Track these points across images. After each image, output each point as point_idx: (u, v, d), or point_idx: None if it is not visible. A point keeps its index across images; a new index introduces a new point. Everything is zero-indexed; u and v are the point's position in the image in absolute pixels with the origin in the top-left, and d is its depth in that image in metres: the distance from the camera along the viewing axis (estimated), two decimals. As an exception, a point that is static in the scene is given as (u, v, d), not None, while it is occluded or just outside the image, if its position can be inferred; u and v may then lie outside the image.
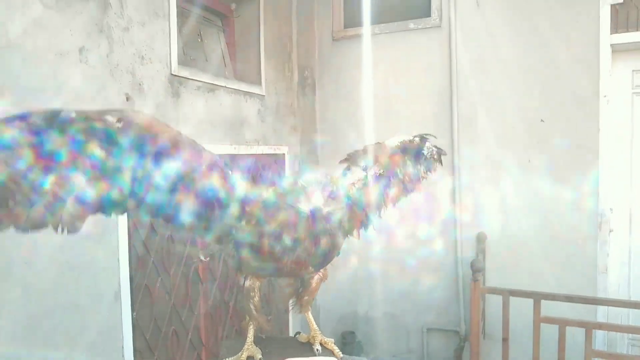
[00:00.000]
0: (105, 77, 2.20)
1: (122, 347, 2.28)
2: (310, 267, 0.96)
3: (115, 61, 2.24)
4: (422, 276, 4.02)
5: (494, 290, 3.17)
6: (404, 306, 4.11)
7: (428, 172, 1.40)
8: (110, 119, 0.90)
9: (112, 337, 2.24)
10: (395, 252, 4.04)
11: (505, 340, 3.06)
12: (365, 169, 1.20)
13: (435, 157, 1.42)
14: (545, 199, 3.67)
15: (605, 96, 3.51)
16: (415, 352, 4.16)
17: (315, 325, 1.14)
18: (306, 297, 1.10)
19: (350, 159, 1.24)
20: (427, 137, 1.42)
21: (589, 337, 2.82)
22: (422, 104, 4.00)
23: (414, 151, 1.36)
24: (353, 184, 1.15)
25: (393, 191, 1.27)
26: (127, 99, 2.30)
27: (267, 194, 0.96)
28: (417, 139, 1.39)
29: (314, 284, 1.08)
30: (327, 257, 0.96)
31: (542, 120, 3.67)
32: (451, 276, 3.94)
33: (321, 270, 1.06)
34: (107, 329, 2.22)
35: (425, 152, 1.38)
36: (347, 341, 4.21)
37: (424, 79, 4.00)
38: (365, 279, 4.17)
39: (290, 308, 1.16)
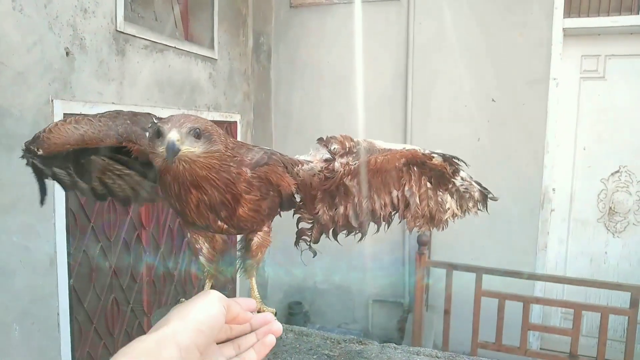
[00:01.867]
0: (42, 29, 2.05)
1: (58, 315, 2.18)
2: (222, 224, 0.90)
3: (54, 12, 2.09)
4: (370, 249, 4.07)
5: (438, 264, 3.24)
6: (351, 278, 4.15)
7: (460, 211, 1.08)
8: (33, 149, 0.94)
9: (47, 305, 2.14)
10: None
11: (447, 312, 3.14)
12: (333, 153, 0.96)
13: (476, 197, 1.10)
14: (492, 177, 3.74)
15: (555, 79, 3.59)
16: (360, 322, 4.23)
17: (257, 293, 1.10)
18: (249, 261, 1.05)
19: (325, 140, 1.00)
20: (457, 161, 1.06)
21: (526, 311, 2.93)
22: (378, 77, 3.98)
23: (434, 172, 1.04)
24: (301, 162, 0.96)
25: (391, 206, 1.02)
26: (67, 53, 2.16)
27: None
28: (438, 158, 1.02)
29: (253, 247, 1.02)
30: (236, 216, 0.88)
31: (493, 100, 3.73)
32: (398, 250, 4.01)
33: (259, 234, 1.00)
34: (41, 296, 2.11)
35: (458, 184, 1.06)
36: (294, 311, 4.23)
37: (382, 53, 3.97)
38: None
39: (236, 271, 1.11)
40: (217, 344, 0.64)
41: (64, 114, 2.14)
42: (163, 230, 2.93)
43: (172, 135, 0.76)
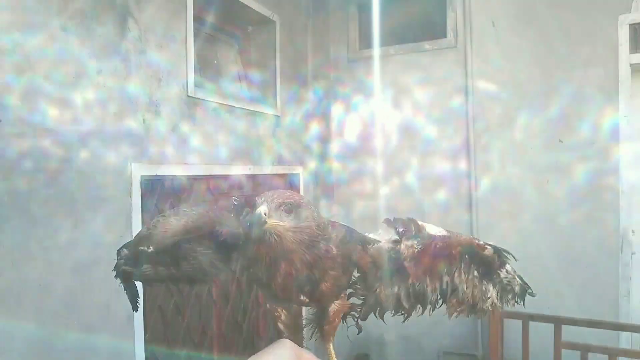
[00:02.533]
0: (122, 100, 2.22)
1: (135, 370, 2.26)
2: (305, 298, 0.92)
3: (132, 84, 2.27)
4: (439, 298, 3.95)
5: (513, 315, 3.09)
6: (419, 329, 4.03)
7: (500, 302, 1.09)
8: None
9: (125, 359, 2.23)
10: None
11: (525, 366, 2.97)
12: (400, 235, 0.99)
13: (516, 290, 1.10)
14: (564, 221, 3.59)
15: (625, 117, 3.46)
16: (431, 376, 4.07)
17: (335, 359, 1.10)
18: (326, 327, 1.05)
19: (393, 222, 1.03)
20: (506, 255, 1.09)
21: (612, 364, 2.73)
22: (438, 125, 3.97)
23: (483, 262, 1.07)
24: (373, 241, 0.98)
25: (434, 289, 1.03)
26: (144, 121, 2.32)
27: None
28: (490, 249, 1.07)
29: (330, 313, 1.03)
30: (318, 291, 0.91)
31: (560, 141, 3.62)
32: (468, 299, 3.87)
33: (337, 302, 1.01)
34: (119, 351, 2.20)
35: (502, 276, 1.08)
36: (362, 364, 4.14)
37: (440, 100, 3.98)
38: (381, 301, 4.11)
39: (311, 336, 1.11)
40: None
41: (141, 176, 2.29)
42: (232, 282, 3.00)
43: (261, 208, 0.81)
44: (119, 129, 2.20)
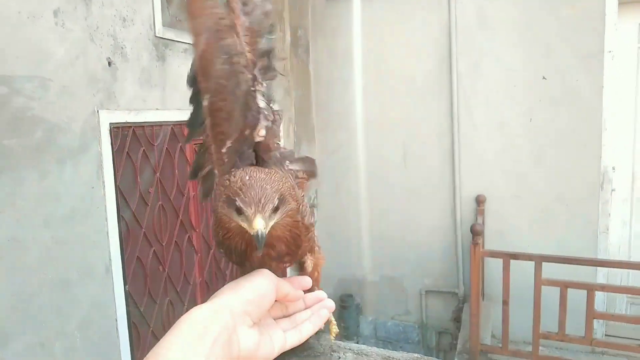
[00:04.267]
0: (84, 41, 2.07)
1: (116, 320, 2.24)
2: (282, 265, 0.85)
3: (94, 24, 2.11)
4: (420, 239, 3.98)
5: (495, 254, 3.12)
6: (402, 269, 4.09)
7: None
8: None
9: (105, 311, 2.20)
10: (393, 215, 4.00)
11: (505, 302, 3.03)
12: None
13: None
14: (546, 158, 3.59)
15: (610, 52, 3.38)
16: (413, 313, 4.17)
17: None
18: None
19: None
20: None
21: (590, 299, 2.79)
22: (420, 63, 3.87)
23: None
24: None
25: None
26: (110, 64, 2.18)
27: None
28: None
29: (308, 269, 0.97)
30: (293, 257, 0.83)
31: (544, 78, 3.56)
32: (450, 239, 3.91)
33: (311, 257, 0.94)
34: (99, 302, 2.17)
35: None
36: (346, 304, 4.21)
37: (423, 37, 3.85)
38: (363, 243, 4.14)
39: None
40: (275, 320, 0.71)
41: (110, 123, 2.17)
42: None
43: (259, 224, 0.68)
44: (83, 73, 2.06)
